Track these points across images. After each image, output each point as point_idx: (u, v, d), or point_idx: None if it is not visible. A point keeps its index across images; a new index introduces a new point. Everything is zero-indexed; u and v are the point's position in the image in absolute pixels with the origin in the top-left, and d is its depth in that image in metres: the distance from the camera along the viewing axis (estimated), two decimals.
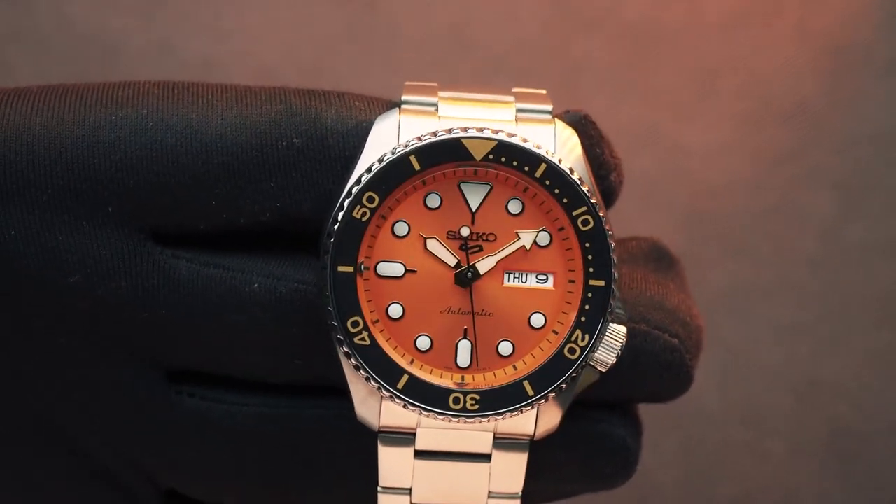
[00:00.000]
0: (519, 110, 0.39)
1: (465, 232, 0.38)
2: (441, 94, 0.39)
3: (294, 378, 0.39)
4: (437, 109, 0.38)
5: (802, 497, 0.56)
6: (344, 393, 0.39)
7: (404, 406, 0.37)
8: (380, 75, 0.61)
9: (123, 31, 0.61)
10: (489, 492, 0.40)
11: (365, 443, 0.39)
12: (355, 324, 0.37)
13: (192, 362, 0.39)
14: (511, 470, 0.39)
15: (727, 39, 0.62)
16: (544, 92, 0.40)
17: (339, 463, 0.40)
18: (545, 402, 0.38)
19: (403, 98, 0.39)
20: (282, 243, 0.39)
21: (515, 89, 0.40)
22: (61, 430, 0.40)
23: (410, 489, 0.40)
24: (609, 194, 0.40)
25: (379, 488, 0.40)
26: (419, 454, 0.39)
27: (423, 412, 0.37)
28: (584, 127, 0.39)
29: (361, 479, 0.40)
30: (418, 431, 0.39)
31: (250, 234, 0.39)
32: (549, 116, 0.39)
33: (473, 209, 0.38)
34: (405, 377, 0.37)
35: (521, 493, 0.40)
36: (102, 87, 0.39)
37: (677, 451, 0.57)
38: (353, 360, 0.37)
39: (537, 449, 0.39)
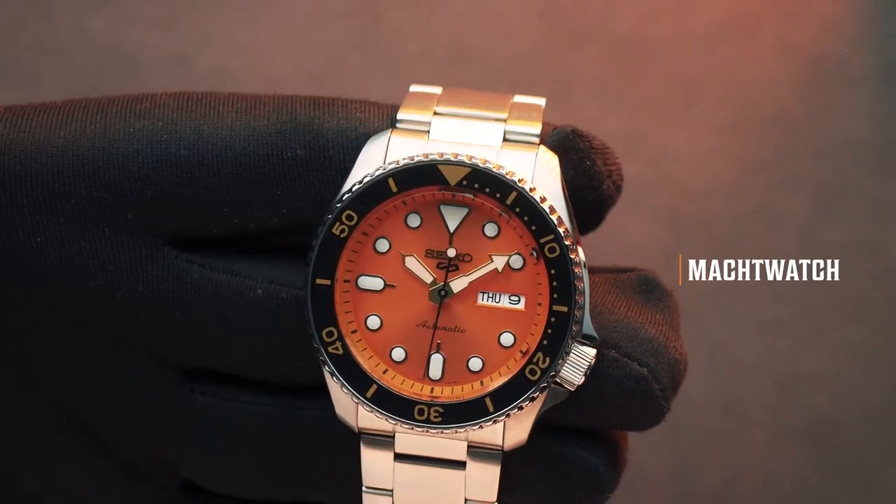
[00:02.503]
0: (507, 132, 0.38)
1: (441, 251, 0.38)
2: (438, 108, 0.39)
3: (297, 379, 0.40)
4: (428, 130, 0.38)
5: (782, 482, 0.56)
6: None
7: (371, 412, 0.38)
8: (383, 85, 0.61)
9: (142, 44, 0.62)
10: (466, 499, 0.40)
11: (358, 445, 0.39)
12: (330, 334, 0.37)
13: (203, 361, 0.40)
14: (485, 479, 0.39)
15: (711, 52, 0.62)
16: (542, 104, 0.40)
17: (337, 462, 0.40)
18: (506, 418, 0.37)
19: (399, 116, 0.39)
20: (289, 249, 0.40)
21: (516, 98, 0.40)
22: (84, 423, 0.41)
23: (392, 491, 0.40)
24: (604, 201, 0.40)
25: (363, 488, 0.40)
26: (399, 457, 0.39)
27: (389, 420, 0.37)
28: (571, 142, 0.39)
29: (357, 480, 0.40)
30: (396, 436, 0.39)
31: (260, 237, 0.39)
32: (535, 139, 0.38)
33: (451, 230, 0.38)
34: (374, 387, 0.37)
35: (496, 503, 0.39)
36: (122, 100, 0.40)
37: (664, 439, 0.56)
38: (327, 368, 0.38)
39: (511, 464, 0.39)
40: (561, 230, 0.37)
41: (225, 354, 0.39)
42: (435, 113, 0.39)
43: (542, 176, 0.38)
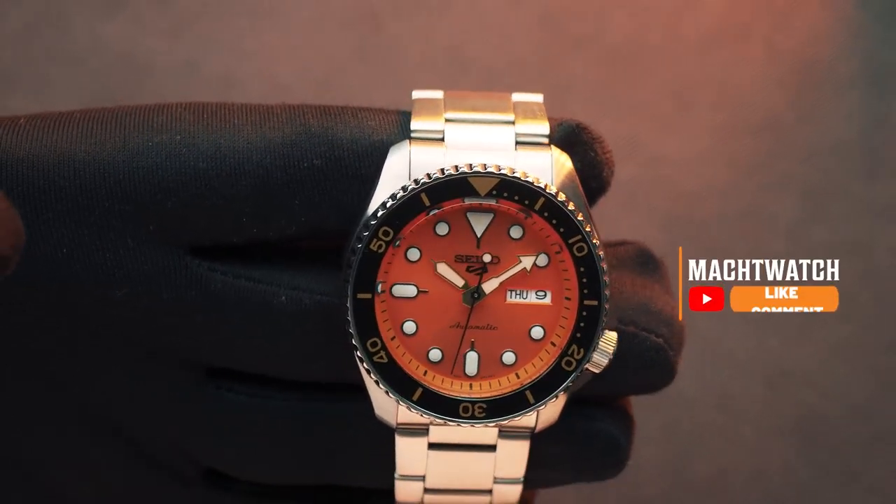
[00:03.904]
0: (518, 134, 0.39)
1: (470, 256, 0.38)
2: (447, 114, 0.39)
3: (319, 377, 0.40)
4: (443, 138, 0.39)
5: (771, 475, 0.56)
6: (364, 391, 0.39)
7: (420, 415, 0.38)
8: (385, 91, 0.61)
9: (152, 51, 0.62)
10: (495, 477, 0.40)
11: (382, 436, 0.40)
12: (374, 344, 0.38)
13: (227, 363, 0.40)
14: (514, 458, 0.40)
15: (703, 58, 0.62)
16: (541, 100, 0.40)
17: (359, 453, 0.41)
18: (544, 407, 0.38)
19: (413, 126, 0.39)
20: (307, 254, 0.40)
21: (515, 97, 0.40)
22: (113, 420, 0.41)
23: (424, 476, 0.40)
24: (602, 188, 0.40)
25: (396, 475, 0.40)
26: (432, 446, 0.40)
27: (436, 420, 0.38)
28: (577, 135, 0.39)
29: (379, 468, 0.41)
30: (431, 427, 0.39)
31: (280, 244, 0.40)
32: (545, 140, 0.39)
33: (479, 235, 0.38)
34: (420, 390, 0.38)
35: (522, 479, 0.40)
36: (139, 113, 0.40)
37: (658, 433, 0.57)
38: (373, 377, 0.38)
39: (537, 442, 0.40)
40: (587, 230, 0.38)
41: (250, 357, 0.40)
42: (446, 120, 0.39)
43: (559, 177, 0.38)
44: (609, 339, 0.38)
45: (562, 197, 0.38)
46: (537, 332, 0.39)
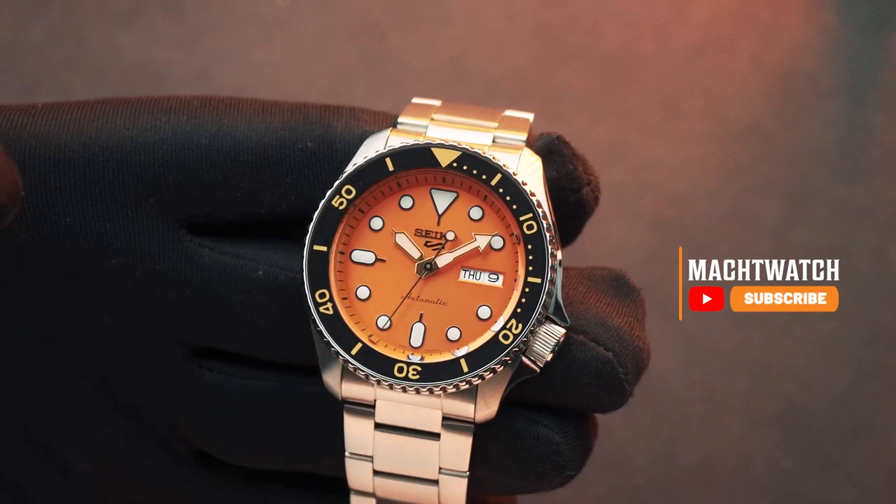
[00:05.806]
0: (496, 137, 0.40)
1: (430, 231, 0.39)
2: (435, 116, 0.40)
3: (293, 359, 0.41)
4: (425, 133, 0.40)
5: (755, 464, 0.56)
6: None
7: (354, 370, 0.38)
8: (388, 99, 0.61)
9: (167, 61, 0.62)
10: (440, 468, 0.40)
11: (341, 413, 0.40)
12: (322, 295, 0.38)
13: (211, 341, 0.41)
14: (458, 450, 0.40)
15: (691, 68, 0.62)
16: (530, 118, 0.41)
17: (328, 434, 0.41)
18: (480, 381, 0.38)
19: (400, 119, 0.40)
20: (293, 238, 0.41)
21: (506, 112, 0.41)
22: (115, 394, 0.42)
23: (372, 457, 0.40)
24: (582, 206, 0.41)
25: (346, 453, 0.41)
26: (378, 426, 0.40)
27: (369, 377, 0.38)
28: (556, 146, 0.40)
29: (343, 456, 0.41)
30: (377, 404, 0.39)
31: (269, 225, 0.40)
32: (520, 144, 0.39)
33: (440, 212, 0.39)
34: (359, 345, 0.38)
35: (467, 473, 0.40)
36: (150, 99, 0.41)
37: (646, 424, 0.56)
38: (317, 327, 0.38)
39: (481, 439, 0.40)
40: (539, 211, 0.38)
41: (229, 333, 0.40)
42: (432, 119, 0.40)
43: (524, 172, 0.39)
44: (554, 333, 0.38)
45: (519, 177, 0.38)
46: (484, 312, 0.39)
